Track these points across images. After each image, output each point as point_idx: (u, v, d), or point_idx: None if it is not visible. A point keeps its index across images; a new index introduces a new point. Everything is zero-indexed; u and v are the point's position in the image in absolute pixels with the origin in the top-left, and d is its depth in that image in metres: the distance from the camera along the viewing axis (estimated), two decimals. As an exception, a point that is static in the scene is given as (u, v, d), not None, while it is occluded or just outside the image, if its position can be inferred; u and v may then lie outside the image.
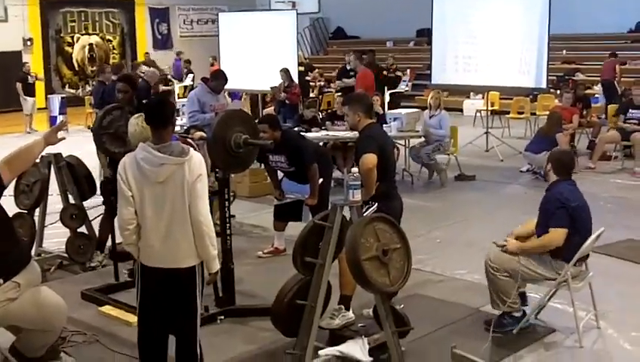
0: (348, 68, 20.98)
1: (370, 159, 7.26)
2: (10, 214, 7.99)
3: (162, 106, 6.15)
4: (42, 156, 9.45)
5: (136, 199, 5.83)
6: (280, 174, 10.45)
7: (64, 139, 6.69)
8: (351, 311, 7.47)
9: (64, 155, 10.21)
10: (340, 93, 20.26)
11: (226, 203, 8.29)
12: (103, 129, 9.36)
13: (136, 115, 8.30)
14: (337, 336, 7.38)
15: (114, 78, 15.26)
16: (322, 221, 6.80)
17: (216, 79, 12.46)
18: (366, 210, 6.89)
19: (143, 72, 16.65)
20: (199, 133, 9.65)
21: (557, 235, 7.49)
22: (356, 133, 8.03)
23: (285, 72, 20.02)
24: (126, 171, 5.85)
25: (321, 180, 9.80)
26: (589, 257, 8.01)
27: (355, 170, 6.62)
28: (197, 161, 5.91)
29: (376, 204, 7.14)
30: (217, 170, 8.27)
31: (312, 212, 9.49)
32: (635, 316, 8.34)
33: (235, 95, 24.45)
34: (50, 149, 7.22)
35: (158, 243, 5.86)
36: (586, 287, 7.85)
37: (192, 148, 5.98)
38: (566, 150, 9.30)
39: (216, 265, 6.15)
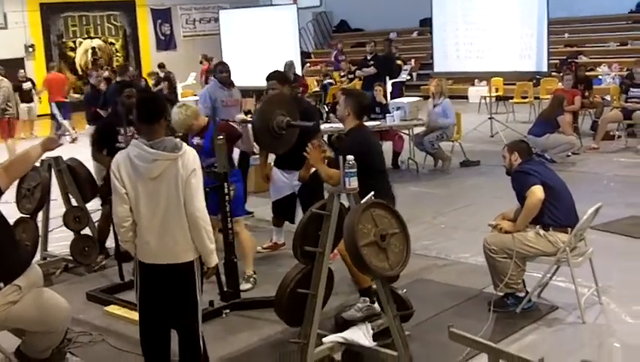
0: (368, 58, 21.31)
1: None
2: (14, 219, 8.09)
3: (152, 102, 6.15)
4: (42, 160, 9.47)
5: (130, 196, 5.80)
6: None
7: (62, 145, 6.72)
8: (376, 304, 7.45)
9: (65, 159, 10.23)
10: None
11: (226, 197, 8.33)
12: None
13: (178, 104, 9.41)
14: (341, 323, 7.40)
15: (118, 80, 15.27)
16: (320, 210, 6.82)
17: (218, 69, 12.60)
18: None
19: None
20: (241, 116, 9.74)
21: (534, 192, 7.71)
22: None
23: (289, 66, 20.03)
24: (119, 168, 5.83)
25: None
26: (590, 234, 8.05)
27: (350, 157, 6.60)
28: (190, 156, 5.90)
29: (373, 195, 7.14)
30: (215, 165, 8.31)
31: (305, 203, 9.44)
32: (637, 289, 8.39)
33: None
34: (52, 153, 7.26)
35: (155, 239, 5.84)
36: (587, 264, 7.90)
37: (185, 143, 5.97)
38: (517, 139, 9.43)
39: (214, 260, 6.12)
